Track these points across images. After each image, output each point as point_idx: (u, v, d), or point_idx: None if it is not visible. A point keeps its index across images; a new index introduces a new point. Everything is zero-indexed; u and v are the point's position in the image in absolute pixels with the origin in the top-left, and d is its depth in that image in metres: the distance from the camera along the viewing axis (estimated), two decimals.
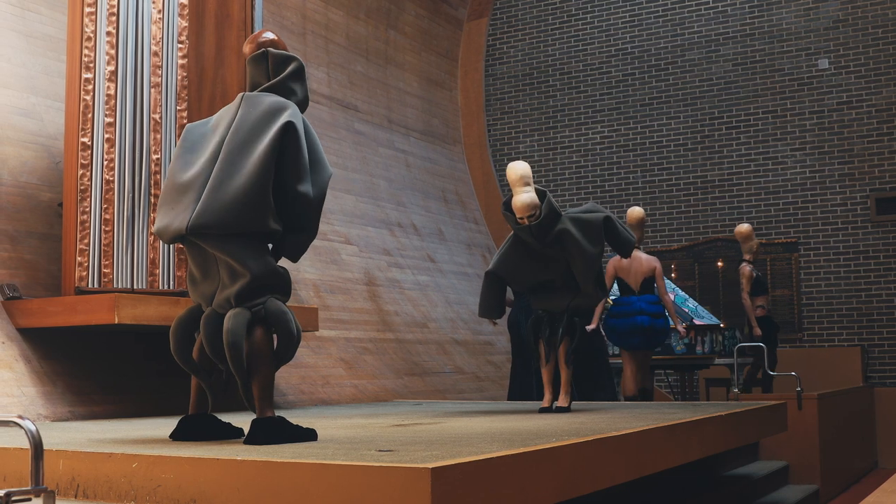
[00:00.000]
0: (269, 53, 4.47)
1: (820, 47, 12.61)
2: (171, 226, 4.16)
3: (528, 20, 14.43)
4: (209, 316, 4.16)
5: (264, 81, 4.45)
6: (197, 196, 4.12)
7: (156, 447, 3.83)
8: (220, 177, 4.12)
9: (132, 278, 6.77)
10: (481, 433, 4.51)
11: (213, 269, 4.19)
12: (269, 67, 4.46)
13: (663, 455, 4.75)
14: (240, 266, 4.07)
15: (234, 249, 4.08)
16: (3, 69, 7.35)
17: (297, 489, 3.11)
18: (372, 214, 11.49)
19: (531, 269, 6.53)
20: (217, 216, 4.04)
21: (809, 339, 12.34)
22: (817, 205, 12.45)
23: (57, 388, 6.49)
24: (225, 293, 4.11)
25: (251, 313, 4.08)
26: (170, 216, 4.20)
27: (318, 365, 8.84)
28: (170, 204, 4.24)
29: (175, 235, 4.15)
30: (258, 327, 4.09)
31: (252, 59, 4.51)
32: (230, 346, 3.99)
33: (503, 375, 11.22)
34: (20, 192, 7.13)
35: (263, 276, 4.11)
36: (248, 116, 4.26)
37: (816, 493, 7.98)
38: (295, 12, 11.01)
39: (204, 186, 4.13)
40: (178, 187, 4.24)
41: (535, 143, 14.17)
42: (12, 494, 2.64)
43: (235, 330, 4.00)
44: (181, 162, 4.32)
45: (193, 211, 4.07)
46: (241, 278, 4.07)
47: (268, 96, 4.35)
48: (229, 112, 4.39)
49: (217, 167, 4.15)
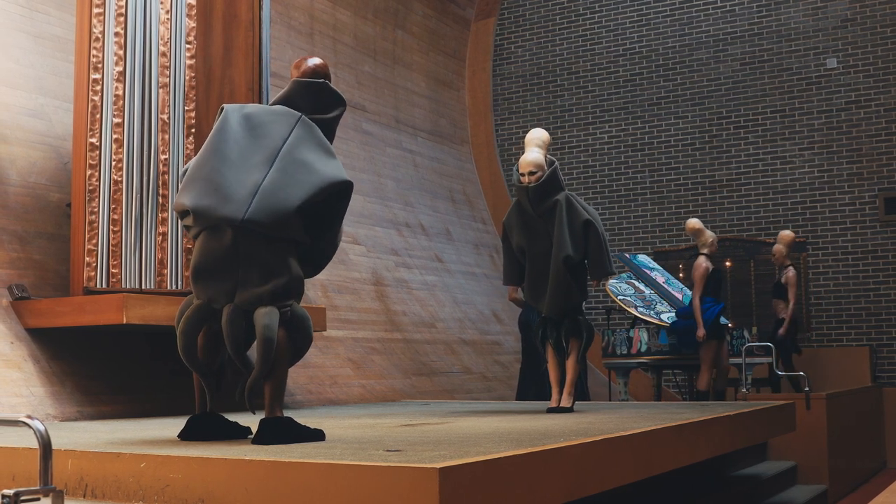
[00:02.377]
0: (327, 87, 4.61)
1: (828, 46, 12.59)
2: (219, 211, 4.17)
3: (536, 20, 14.42)
4: (234, 312, 4.16)
5: (308, 109, 4.53)
6: (251, 193, 4.18)
7: (164, 447, 3.84)
8: (276, 182, 4.22)
9: (140, 278, 6.78)
10: (489, 433, 4.51)
11: (234, 266, 4.17)
12: (320, 99, 4.58)
13: (671, 455, 4.75)
14: (278, 266, 4.16)
15: (276, 250, 4.17)
16: (11, 70, 7.37)
17: (305, 489, 3.11)
18: (380, 214, 11.49)
19: (521, 235, 6.57)
20: (271, 218, 4.14)
21: (818, 339, 12.31)
22: (826, 204, 12.42)
23: (65, 388, 6.50)
24: (255, 291, 4.13)
25: (280, 313, 4.13)
26: (214, 199, 4.20)
27: (326, 365, 8.84)
28: (213, 185, 4.24)
29: (221, 220, 4.16)
30: (281, 328, 4.14)
31: (310, 83, 4.58)
32: (267, 340, 4.03)
33: (511, 375, 11.22)
34: (29, 192, 7.15)
35: (297, 280, 4.24)
36: (306, 141, 4.40)
37: (825, 494, 7.97)
38: (303, 12, 11.02)
39: (257, 186, 4.20)
40: (216, 166, 4.28)
41: None
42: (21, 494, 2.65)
43: (273, 326, 4.07)
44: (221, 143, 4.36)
45: (250, 205, 4.14)
46: (276, 279, 4.14)
47: (319, 132, 4.49)
48: (284, 122, 4.44)
49: (272, 174, 4.25)
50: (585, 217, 6.48)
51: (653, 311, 10.09)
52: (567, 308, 6.50)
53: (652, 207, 13.42)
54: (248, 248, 4.14)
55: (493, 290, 12.91)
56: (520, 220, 6.59)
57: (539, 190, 6.42)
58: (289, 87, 4.61)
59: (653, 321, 9.87)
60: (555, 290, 6.45)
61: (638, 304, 10.15)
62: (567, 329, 6.47)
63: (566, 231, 6.41)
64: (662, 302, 10.30)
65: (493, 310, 12.63)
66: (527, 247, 6.59)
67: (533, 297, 6.70)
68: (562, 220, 6.42)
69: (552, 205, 6.43)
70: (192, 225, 4.26)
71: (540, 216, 6.47)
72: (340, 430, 4.85)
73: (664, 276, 10.87)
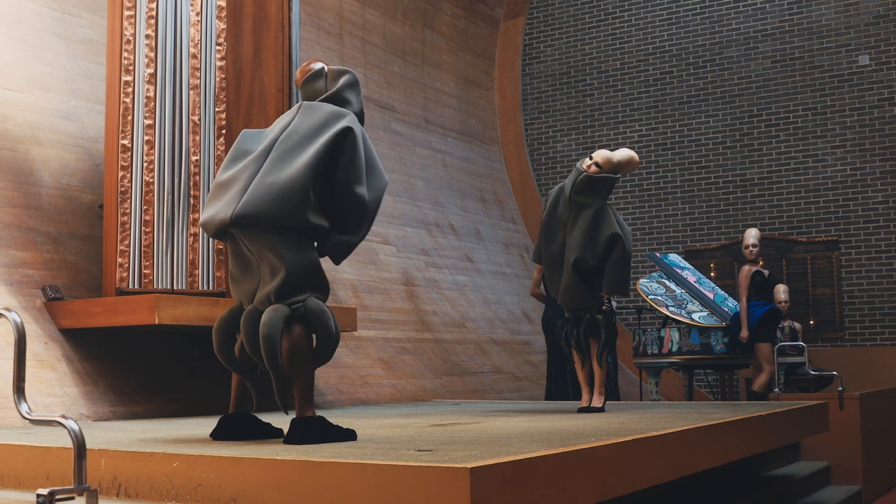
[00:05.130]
0: (325, 70, 4.57)
1: (860, 43, 12.49)
2: (216, 217, 4.16)
3: (565, 19, 14.40)
4: (249, 313, 4.16)
5: (321, 94, 4.51)
6: (243, 188, 4.14)
7: (196, 447, 3.85)
8: (268, 171, 4.15)
9: (172, 279, 6.82)
10: (520, 433, 4.50)
11: (255, 267, 4.19)
12: (325, 82, 4.54)
13: (703, 455, 4.72)
14: (279, 260, 4.06)
15: (274, 243, 4.07)
16: (44, 73, 7.43)
17: (336, 489, 3.12)
18: (410, 214, 11.51)
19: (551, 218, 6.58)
20: (260, 207, 4.05)
21: (851, 339, 12.22)
22: (858, 202, 12.33)
23: (98, 387, 6.55)
24: (265, 290, 4.10)
25: (290, 310, 4.05)
26: (215, 208, 4.21)
27: (357, 365, 8.86)
28: (215, 198, 4.28)
29: (220, 226, 4.15)
30: (298, 325, 4.06)
31: (308, 77, 4.58)
32: (265, 338, 3.97)
33: (541, 375, 11.20)
34: (62, 194, 7.20)
35: (303, 273, 4.10)
36: (305, 121, 4.31)
37: (859, 494, 7.90)
38: (332, 13, 11.05)
39: (250, 180, 4.16)
40: (222, 183, 4.28)
41: (573, 143, 14.13)
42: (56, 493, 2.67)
43: (271, 323, 3.99)
44: (229, 162, 4.36)
45: (239, 202, 4.09)
46: (280, 273, 4.05)
47: (326, 105, 4.40)
48: (286, 118, 4.44)
49: (266, 163, 4.19)
50: (616, 230, 6.38)
51: (684, 310, 10.04)
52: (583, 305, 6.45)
53: (682, 206, 13.36)
54: (253, 246, 4.14)
55: (524, 290, 12.89)
56: (556, 202, 6.57)
57: (589, 180, 6.42)
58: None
59: (684, 320, 9.83)
60: (566, 287, 6.43)
61: (669, 304, 10.10)
62: (586, 328, 6.42)
63: (585, 235, 6.36)
64: (693, 301, 10.25)
65: (523, 310, 12.61)
66: (549, 233, 6.56)
67: (551, 286, 6.67)
68: (585, 223, 6.37)
69: (586, 203, 6.40)
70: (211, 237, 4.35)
71: (571, 204, 6.44)
72: (371, 429, 4.86)
73: (695, 275, 10.82)
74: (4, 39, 7.24)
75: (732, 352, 9.75)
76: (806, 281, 12.52)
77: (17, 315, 3.12)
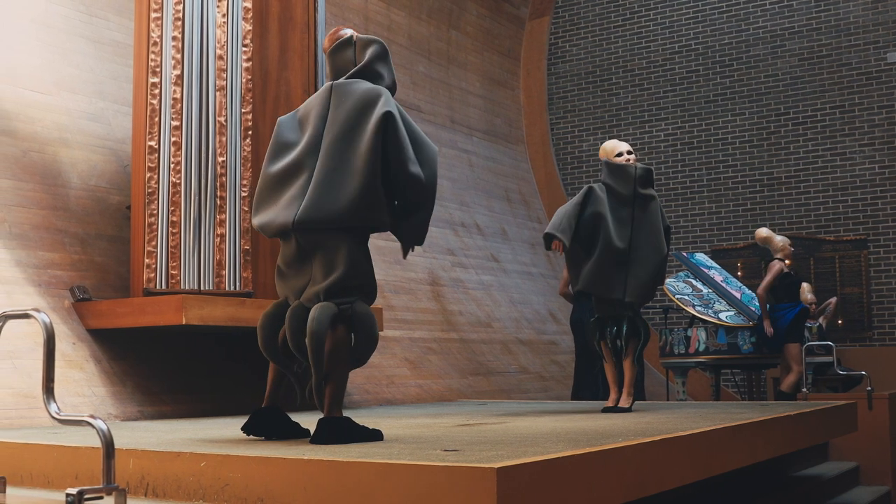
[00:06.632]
0: (354, 38, 4.50)
1: (889, 40, 12.39)
2: (276, 221, 4.17)
3: (591, 18, 14.36)
4: (295, 309, 4.16)
5: (350, 67, 4.44)
6: (301, 191, 4.14)
7: (224, 447, 3.87)
8: (327, 173, 4.13)
9: (199, 279, 6.84)
10: (547, 433, 4.49)
11: (307, 264, 4.20)
12: (354, 52, 4.48)
13: (730, 455, 4.70)
14: (335, 260, 4.08)
15: (334, 245, 4.09)
16: (71, 75, 7.48)
17: (363, 488, 3.12)
18: (435, 214, 11.48)
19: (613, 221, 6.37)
20: (329, 214, 4.06)
21: (880, 338, 12.13)
22: (887, 201, 12.23)
23: (126, 387, 6.59)
24: (315, 288, 4.11)
25: (339, 310, 4.07)
26: (273, 211, 4.21)
27: (383, 365, 8.87)
28: (269, 199, 4.27)
29: (280, 230, 4.18)
30: (341, 325, 4.08)
31: (335, 47, 4.51)
32: (312, 334, 3.97)
33: (568, 375, 11.18)
34: (89, 195, 7.25)
35: (356, 275, 4.12)
36: (343, 107, 4.26)
37: (888, 495, 7.84)
38: (357, 14, 11.07)
39: (307, 182, 4.15)
40: (272, 181, 4.27)
41: (599, 142, 14.10)
42: (85, 492, 2.69)
43: (320, 319, 3.99)
44: (274, 156, 4.35)
45: (300, 206, 4.09)
46: (334, 273, 4.07)
47: (358, 83, 4.35)
48: (318, 102, 4.37)
49: (321, 163, 4.17)
50: (668, 223, 6.53)
51: (711, 309, 10.00)
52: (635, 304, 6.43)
53: (709, 206, 13.31)
54: (310, 247, 4.15)
55: (550, 290, 12.87)
56: (612, 207, 6.43)
57: (648, 172, 6.46)
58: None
59: (711, 320, 9.79)
60: (643, 283, 6.38)
61: (695, 303, 10.06)
62: (626, 329, 6.39)
63: (661, 230, 6.40)
64: (720, 301, 10.21)
65: (549, 309, 12.59)
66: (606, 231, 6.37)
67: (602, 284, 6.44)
68: (655, 218, 6.40)
69: (652, 196, 6.43)
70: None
71: (634, 199, 6.41)
72: (398, 429, 4.86)
73: (722, 274, 10.77)
74: (33, 42, 7.29)
75: (760, 351, 9.70)
76: (834, 280, 12.44)
77: (46, 315, 3.14)
